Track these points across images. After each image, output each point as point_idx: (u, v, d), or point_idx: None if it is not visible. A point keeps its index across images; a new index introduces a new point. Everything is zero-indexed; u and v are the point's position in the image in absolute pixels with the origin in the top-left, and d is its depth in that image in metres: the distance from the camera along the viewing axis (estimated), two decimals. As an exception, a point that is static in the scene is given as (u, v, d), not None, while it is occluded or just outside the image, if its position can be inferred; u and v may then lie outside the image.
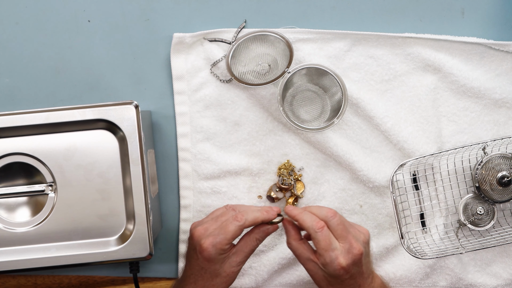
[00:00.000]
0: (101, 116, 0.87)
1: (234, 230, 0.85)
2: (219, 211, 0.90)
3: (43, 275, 1.00)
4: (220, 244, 0.84)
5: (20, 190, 0.89)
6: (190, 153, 0.99)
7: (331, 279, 0.86)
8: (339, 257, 0.84)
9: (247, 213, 0.87)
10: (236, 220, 0.85)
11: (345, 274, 0.84)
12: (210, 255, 0.85)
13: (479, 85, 0.97)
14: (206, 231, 0.86)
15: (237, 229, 0.85)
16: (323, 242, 0.84)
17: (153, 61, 0.99)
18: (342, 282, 0.85)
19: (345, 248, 0.84)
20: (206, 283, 0.87)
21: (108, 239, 0.88)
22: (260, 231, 0.89)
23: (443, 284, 0.99)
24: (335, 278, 0.85)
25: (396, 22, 0.99)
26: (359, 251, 0.85)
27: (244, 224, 0.86)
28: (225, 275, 0.87)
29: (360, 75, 0.98)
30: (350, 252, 0.84)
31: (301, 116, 0.98)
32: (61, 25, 0.98)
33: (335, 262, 0.84)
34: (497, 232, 0.97)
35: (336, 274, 0.84)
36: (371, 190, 0.99)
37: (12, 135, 0.87)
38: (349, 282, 0.86)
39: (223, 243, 0.85)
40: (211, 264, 0.86)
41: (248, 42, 0.95)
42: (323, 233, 0.85)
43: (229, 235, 0.85)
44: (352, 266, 0.84)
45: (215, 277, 0.87)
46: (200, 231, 0.86)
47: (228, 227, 0.85)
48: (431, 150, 0.97)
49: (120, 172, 0.88)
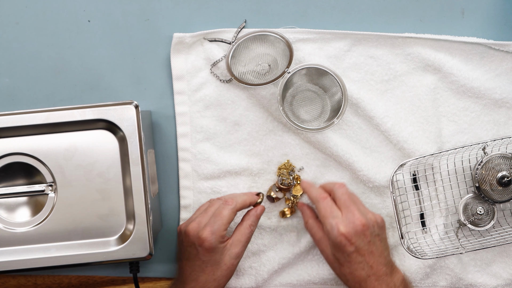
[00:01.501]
0: (101, 116, 0.87)
1: (228, 214, 0.88)
2: (204, 206, 0.93)
3: (43, 275, 1.00)
4: (218, 231, 0.87)
5: (20, 190, 0.89)
6: (190, 153, 0.99)
7: (338, 255, 0.86)
8: (339, 224, 0.85)
9: (236, 197, 0.91)
10: (228, 204, 0.89)
11: (348, 244, 0.85)
12: (211, 244, 0.86)
13: (479, 85, 0.97)
14: (200, 224, 0.88)
15: (230, 212, 0.88)
16: (324, 210, 0.87)
17: (153, 61, 0.99)
18: (349, 257, 0.86)
19: (347, 216, 0.86)
20: (208, 278, 0.88)
21: (108, 239, 0.88)
22: (251, 216, 0.92)
23: (443, 284, 0.99)
24: (340, 251, 0.86)
25: (396, 22, 0.99)
26: (361, 221, 0.86)
27: (235, 206, 0.89)
28: (226, 268, 0.89)
29: (360, 75, 0.98)
30: (351, 221, 0.86)
31: (301, 116, 0.98)
32: (61, 25, 0.99)
33: (334, 229, 0.85)
34: (497, 232, 0.97)
35: (337, 243, 0.85)
36: (371, 190, 0.99)
37: (12, 135, 0.88)
38: (357, 258, 0.86)
39: (221, 229, 0.87)
40: (212, 254, 0.87)
41: (248, 42, 0.95)
42: (325, 202, 0.88)
43: (225, 220, 0.87)
44: (353, 236, 0.85)
45: (216, 270, 0.88)
46: (194, 226, 0.88)
47: (222, 212, 0.88)
48: (431, 150, 0.97)
49: (120, 172, 0.88)
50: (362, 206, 0.91)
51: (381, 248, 0.88)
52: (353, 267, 0.87)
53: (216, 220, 0.87)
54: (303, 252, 0.99)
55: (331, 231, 0.86)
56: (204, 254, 0.87)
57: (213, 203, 0.91)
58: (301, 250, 0.99)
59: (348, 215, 0.86)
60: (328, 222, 0.86)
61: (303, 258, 1.00)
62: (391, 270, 0.89)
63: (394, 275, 0.89)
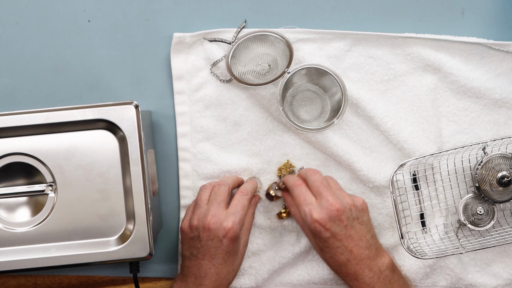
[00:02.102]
0: (101, 116, 0.87)
1: (247, 204, 0.92)
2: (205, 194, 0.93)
3: (43, 275, 1.00)
4: (242, 220, 0.89)
5: (20, 190, 0.89)
6: (190, 153, 0.99)
7: (316, 240, 0.88)
8: (312, 210, 0.87)
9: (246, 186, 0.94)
10: (245, 194, 0.92)
11: (323, 230, 0.86)
12: (236, 233, 0.88)
13: (479, 85, 0.97)
14: (220, 216, 0.89)
15: (249, 202, 0.92)
16: (298, 197, 0.89)
17: (153, 61, 0.99)
18: (326, 243, 0.87)
19: (320, 203, 0.87)
20: (229, 269, 0.90)
21: (108, 239, 0.88)
22: (252, 205, 0.96)
23: (443, 284, 0.99)
24: (317, 237, 0.87)
25: (396, 22, 0.99)
26: (334, 206, 0.86)
27: (251, 196, 0.93)
28: (241, 256, 0.93)
29: (360, 75, 0.98)
30: (325, 207, 0.87)
31: (301, 116, 0.98)
32: (61, 25, 0.99)
33: (308, 216, 0.87)
34: (497, 232, 0.97)
35: (312, 229, 0.87)
36: (371, 190, 0.99)
37: (12, 135, 0.88)
38: (334, 243, 0.87)
39: (243, 219, 0.89)
40: (235, 244, 0.89)
41: (248, 42, 0.95)
42: (299, 189, 0.90)
43: (246, 209, 0.90)
44: (328, 221, 0.86)
45: (235, 260, 0.91)
46: (213, 219, 0.88)
47: (242, 203, 0.91)
48: (431, 150, 0.97)
49: (120, 172, 0.88)
50: (339, 191, 0.91)
51: (361, 231, 0.88)
52: (332, 252, 0.88)
53: (238, 210, 0.89)
54: (303, 252, 0.99)
55: (305, 218, 0.87)
56: (229, 245, 0.88)
57: (218, 191, 0.92)
58: (301, 250, 0.99)
59: (321, 201, 0.87)
60: (302, 210, 0.88)
61: (303, 258, 1.00)
62: (376, 254, 0.89)
63: (379, 258, 0.89)
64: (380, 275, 0.89)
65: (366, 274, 0.88)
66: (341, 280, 0.99)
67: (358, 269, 0.88)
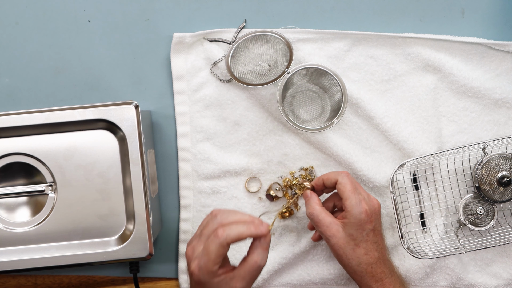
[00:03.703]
0: (101, 116, 0.87)
1: (216, 250, 0.76)
2: (204, 221, 0.81)
3: (43, 275, 1.00)
4: (206, 267, 0.76)
5: (20, 190, 0.89)
6: (190, 153, 0.99)
7: (357, 234, 0.87)
8: (362, 201, 0.87)
9: (231, 228, 0.76)
10: (216, 237, 0.76)
11: (368, 221, 0.87)
12: (199, 279, 0.77)
13: (479, 85, 0.97)
14: (194, 252, 0.79)
15: (219, 247, 0.75)
16: (350, 185, 0.88)
17: (153, 61, 0.99)
18: (367, 236, 0.87)
19: (365, 196, 0.89)
20: None
21: (108, 239, 0.88)
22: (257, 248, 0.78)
23: (443, 284, 0.99)
24: (360, 228, 0.87)
25: (396, 22, 0.99)
26: (377, 202, 0.89)
27: (225, 240, 0.75)
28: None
29: (360, 75, 0.98)
30: (370, 200, 0.89)
31: (301, 116, 0.98)
32: (61, 25, 0.99)
33: (360, 204, 0.87)
34: (497, 232, 0.97)
35: (360, 219, 0.86)
36: (371, 190, 0.99)
37: (12, 135, 0.88)
38: (373, 237, 0.88)
39: (208, 265, 0.76)
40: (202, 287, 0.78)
41: (248, 42, 0.95)
42: (351, 178, 0.89)
43: (212, 256, 0.76)
44: (372, 214, 0.87)
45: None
46: (189, 252, 0.79)
47: (210, 247, 0.76)
48: (431, 150, 0.97)
49: (120, 172, 0.88)
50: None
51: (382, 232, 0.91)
52: (369, 247, 0.88)
53: (204, 254, 0.76)
54: (303, 252, 0.99)
55: (356, 206, 0.86)
56: (195, 286, 0.79)
57: (209, 224, 0.79)
58: (301, 250, 0.99)
59: (364, 195, 0.89)
60: (354, 197, 0.87)
61: (303, 258, 1.00)
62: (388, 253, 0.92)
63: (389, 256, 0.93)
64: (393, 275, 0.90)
65: (387, 275, 0.89)
66: (341, 280, 0.99)
67: (384, 269, 0.89)
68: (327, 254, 0.99)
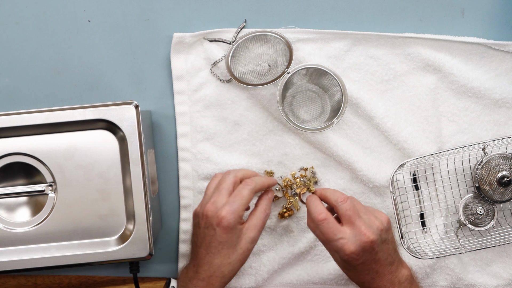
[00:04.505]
0: (101, 116, 0.87)
1: (247, 195, 0.87)
2: (214, 182, 0.92)
3: (43, 275, 1.00)
4: (238, 211, 0.85)
5: (20, 190, 0.89)
6: (190, 153, 0.99)
7: (344, 264, 0.86)
8: (345, 245, 0.83)
9: (254, 178, 0.90)
10: (247, 185, 0.88)
11: (356, 259, 0.84)
12: (230, 223, 0.85)
13: (479, 85, 0.97)
14: (217, 204, 0.86)
15: (250, 193, 0.88)
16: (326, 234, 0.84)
17: (153, 61, 0.99)
18: (355, 268, 0.86)
19: (354, 234, 0.83)
20: (223, 261, 0.86)
21: (108, 239, 0.88)
22: (264, 200, 0.92)
23: (443, 284, 0.99)
24: (347, 264, 0.85)
25: (396, 22, 0.99)
26: (368, 238, 0.83)
27: (255, 187, 0.88)
28: (241, 251, 0.87)
29: (360, 75, 0.98)
30: (358, 239, 0.83)
31: (301, 116, 0.98)
32: (61, 25, 0.99)
33: (341, 251, 0.83)
34: (497, 232, 0.97)
35: (345, 260, 0.84)
36: (371, 190, 0.99)
37: (12, 135, 0.88)
38: (362, 267, 0.85)
39: (240, 209, 0.86)
40: (229, 235, 0.85)
41: (248, 42, 0.95)
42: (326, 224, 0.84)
43: (244, 200, 0.86)
44: (361, 252, 0.83)
45: (232, 253, 0.86)
46: (211, 206, 0.86)
47: (241, 192, 0.87)
48: (431, 150, 0.97)
49: (120, 172, 0.88)
50: (367, 215, 0.86)
51: (387, 250, 0.87)
52: (358, 273, 0.86)
53: (235, 200, 0.86)
54: (303, 252, 0.99)
55: (339, 252, 0.84)
56: (222, 234, 0.85)
57: (224, 179, 0.90)
58: (301, 250, 0.99)
59: (355, 232, 0.84)
60: (333, 245, 0.84)
61: (302, 258, 1.00)
62: (397, 267, 0.88)
63: (399, 271, 0.88)
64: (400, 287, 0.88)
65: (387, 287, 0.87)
66: (341, 280, 0.99)
67: (380, 284, 0.86)
68: (327, 254, 0.99)
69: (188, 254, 0.99)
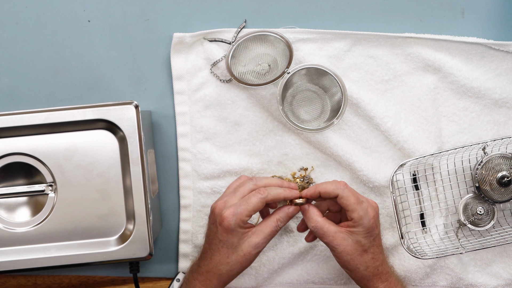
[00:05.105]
0: (101, 116, 0.87)
1: (255, 202, 0.85)
2: (236, 183, 0.90)
3: (43, 275, 1.00)
4: (241, 215, 0.84)
5: (20, 190, 0.89)
6: (190, 153, 0.99)
7: (365, 241, 0.87)
8: (368, 208, 0.87)
9: (270, 188, 0.87)
10: (259, 193, 0.86)
11: (376, 227, 0.87)
12: (230, 224, 0.84)
13: (479, 85, 0.97)
14: (227, 203, 0.86)
15: (259, 201, 0.85)
16: (353, 197, 0.86)
17: (153, 61, 0.99)
18: (374, 241, 0.87)
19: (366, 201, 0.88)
20: (221, 259, 0.87)
21: (108, 239, 0.88)
22: (281, 212, 0.88)
23: (443, 284, 0.99)
24: (368, 234, 0.86)
25: (396, 22, 0.99)
26: (376, 205, 0.89)
27: (266, 197, 0.86)
28: (242, 254, 0.86)
29: (360, 75, 0.98)
30: (372, 205, 0.88)
31: (301, 116, 0.98)
32: (61, 25, 0.99)
33: (367, 213, 0.86)
34: (497, 232, 0.97)
35: (370, 226, 0.86)
36: (371, 190, 0.99)
37: (12, 135, 0.88)
38: (379, 241, 0.88)
39: (243, 214, 0.84)
40: (229, 236, 0.85)
41: (248, 42, 0.95)
42: (350, 189, 0.87)
43: (250, 207, 0.85)
44: (377, 219, 0.88)
45: (231, 254, 0.86)
46: (221, 204, 0.87)
47: (250, 198, 0.86)
48: (431, 150, 0.97)
49: (120, 172, 0.88)
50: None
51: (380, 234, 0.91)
52: (376, 250, 0.88)
53: (242, 204, 0.85)
54: (302, 252, 0.99)
55: (365, 215, 0.86)
56: (222, 233, 0.85)
57: (244, 183, 0.89)
58: (301, 250, 0.99)
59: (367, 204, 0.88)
60: (361, 208, 0.86)
61: (302, 258, 1.00)
62: None
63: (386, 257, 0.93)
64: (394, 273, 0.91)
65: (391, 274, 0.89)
66: (340, 280, 0.99)
67: (388, 269, 0.89)
68: (327, 254, 0.99)
69: (188, 254, 1.00)
